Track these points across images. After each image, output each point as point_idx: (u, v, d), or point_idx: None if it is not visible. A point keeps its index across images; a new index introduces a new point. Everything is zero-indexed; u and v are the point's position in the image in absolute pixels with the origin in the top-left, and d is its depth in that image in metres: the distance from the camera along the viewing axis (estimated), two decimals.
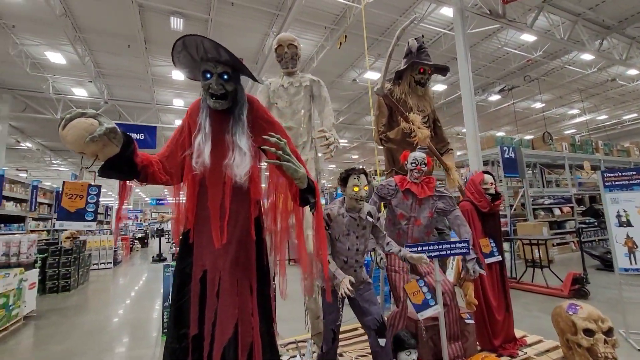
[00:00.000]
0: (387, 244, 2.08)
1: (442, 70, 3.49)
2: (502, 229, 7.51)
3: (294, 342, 2.88)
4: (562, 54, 9.81)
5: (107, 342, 3.75)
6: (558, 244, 8.57)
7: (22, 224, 9.76)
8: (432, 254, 2.09)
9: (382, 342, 1.90)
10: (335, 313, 1.99)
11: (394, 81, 3.46)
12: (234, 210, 1.57)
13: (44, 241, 7.39)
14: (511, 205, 8.06)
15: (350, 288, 1.74)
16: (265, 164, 1.54)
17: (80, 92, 10.79)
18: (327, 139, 2.31)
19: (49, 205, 10.45)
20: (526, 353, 2.54)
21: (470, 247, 2.24)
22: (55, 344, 3.75)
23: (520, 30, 7.51)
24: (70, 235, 4.59)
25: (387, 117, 3.40)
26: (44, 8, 6.38)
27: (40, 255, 6.75)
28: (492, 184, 2.70)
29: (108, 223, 15.59)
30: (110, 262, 9.95)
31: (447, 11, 7.12)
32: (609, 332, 2.24)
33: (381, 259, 2.22)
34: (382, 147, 3.51)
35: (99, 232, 13.68)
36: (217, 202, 1.56)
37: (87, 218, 4.57)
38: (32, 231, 9.95)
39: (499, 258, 2.67)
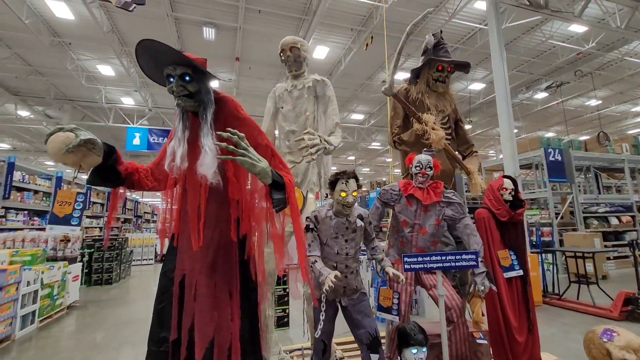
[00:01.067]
0: (373, 248, 1.98)
1: (463, 66, 3.26)
2: (546, 239, 6.86)
3: (299, 349, 2.83)
4: (620, 44, 8.77)
5: (138, 333, 3.97)
6: (616, 258, 7.61)
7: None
8: (435, 265, 1.92)
9: (374, 358, 1.78)
10: (326, 324, 1.90)
11: (411, 80, 3.29)
12: (212, 212, 1.56)
13: (92, 237, 8.08)
14: (557, 214, 7.32)
15: (335, 280, 1.65)
16: None
17: (127, 101, 11.73)
18: (307, 140, 2.22)
19: (102, 204, 11.45)
20: None
21: (480, 259, 2.03)
22: (85, 333, 4.06)
23: (568, 21, 6.82)
24: (64, 239, 5.15)
25: (402, 118, 3.24)
26: (93, 26, 7.04)
27: (88, 250, 7.40)
28: (511, 190, 2.44)
29: (154, 222, 16.73)
30: (152, 259, 10.64)
31: (481, 4, 6.69)
32: None
33: (381, 268, 2.09)
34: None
35: (146, 230, 14.75)
36: (195, 204, 1.56)
37: (72, 223, 5.05)
38: (86, 228, 10.97)
39: (520, 272, 2.40)
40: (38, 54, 8.47)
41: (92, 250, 7.41)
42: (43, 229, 7.61)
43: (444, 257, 1.93)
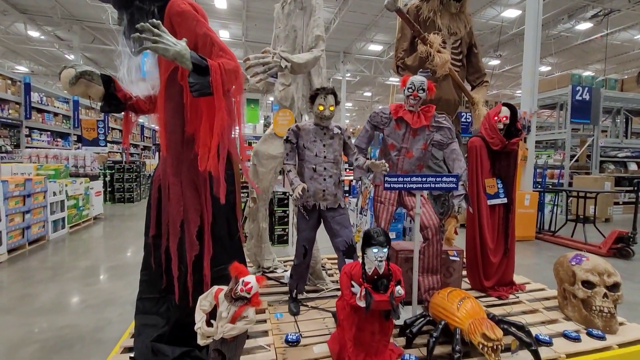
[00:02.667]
0: (356, 159, 2.11)
1: None
2: (555, 180, 6.77)
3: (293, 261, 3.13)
4: None
5: None
6: (625, 203, 7.53)
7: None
8: (415, 186, 1.99)
9: (349, 263, 1.97)
10: (307, 231, 2.08)
11: None
12: (175, 117, 1.64)
13: (113, 160, 8.55)
14: (573, 156, 7.09)
15: (300, 193, 1.85)
16: None
17: None
18: (252, 59, 2.13)
19: (120, 130, 11.81)
20: (518, 297, 2.46)
21: (461, 183, 2.07)
22: (111, 239, 4.57)
23: None
24: (102, 159, 5.90)
25: (409, 41, 3.04)
26: None
27: (109, 171, 7.91)
28: (505, 117, 2.37)
29: None
30: None
31: None
32: (613, 287, 2.04)
33: (365, 187, 2.19)
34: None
35: None
36: (160, 112, 1.65)
37: (100, 144, 6.48)
38: (109, 153, 11.52)
39: (504, 200, 2.46)
40: None
41: (113, 171, 7.91)
42: (67, 149, 8.05)
43: (424, 179, 1.99)
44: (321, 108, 1.95)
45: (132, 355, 1.69)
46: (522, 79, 5.05)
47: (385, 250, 1.47)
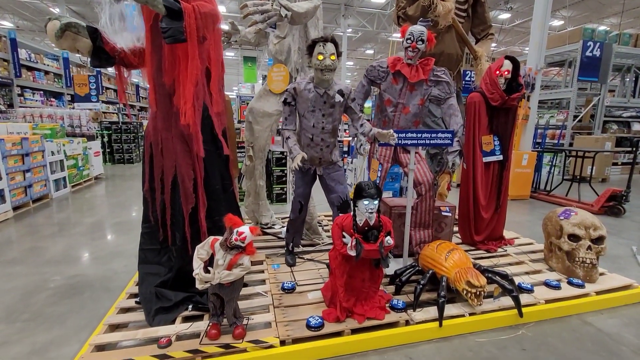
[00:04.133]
0: (361, 125, 2.01)
1: None
2: (555, 140, 6.71)
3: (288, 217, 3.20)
4: None
5: None
6: (624, 164, 7.53)
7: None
8: (410, 142, 1.99)
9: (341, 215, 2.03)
10: (303, 188, 2.12)
11: None
12: (160, 70, 1.60)
13: (109, 121, 8.43)
14: (576, 116, 6.96)
15: (300, 164, 1.79)
16: None
17: None
18: (251, 6, 1.99)
19: (114, 90, 11.49)
20: (506, 251, 2.56)
21: (456, 139, 2.06)
22: (113, 197, 4.66)
23: None
24: (94, 116, 5.78)
25: None
26: None
27: (107, 132, 7.84)
28: (507, 71, 2.29)
29: None
30: None
31: None
32: (597, 240, 2.11)
33: (361, 145, 2.18)
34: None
35: None
36: (147, 65, 1.61)
37: (92, 100, 6.20)
38: (104, 113, 11.30)
39: (500, 157, 2.47)
40: None
41: (110, 132, 7.84)
42: (60, 108, 7.91)
43: (419, 135, 1.98)
44: (321, 57, 1.78)
45: (137, 300, 1.80)
46: (531, 32, 4.80)
47: (376, 202, 1.50)
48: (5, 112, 6.78)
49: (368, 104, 10.32)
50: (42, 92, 7.98)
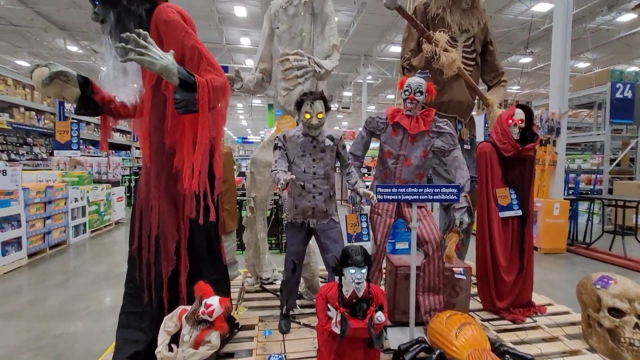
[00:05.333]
0: (348, 173, 1.92)
1: None
2: (590, 186, 6.18)
3: None
4: None
5: None
6: None
7: (129, 152, 11.91)
8: (410, 197, 1.82)
9: (327, 283, 1.84)
10: (296, 245, 1.97)
11: None
12: (159, 127, 1.59)
13: (138, 166, 8.91)
14: (613, 160, 6.46)
15: (287, 178, 1.63)
16: None
17: None
18: (293, 61, 2.04)
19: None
20: (536, 321, 2.19)
21: (463, 194, 1.88)
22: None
23: None
24: (73, 164, 6.03)
25: (417, 40, 2.86)
26: None
27: (135, 177, 8.24)
28: (520, 121, 2.13)
29: None
30: None
31: None
32: None
33: (360, 199, 2.04)
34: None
35: None
36: (144, 121, 1.61)
37: (72, 148, 5.99)
38: (137, 158, 12.03)
39: (519, 212, 2.22)
40: None
41: (138, 177, 8.23)
42: (97, 157, 8.49)
43: (420, 190, 1.82)
44: (307, 116, 1.79)
45: None
46: (551, 77, 4.66)
47: (364, 271, 1.33)
48: (46, 159, 7.37)
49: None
50: (81, 140, 8.69)
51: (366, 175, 9.50)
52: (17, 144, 7.18)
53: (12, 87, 6.32)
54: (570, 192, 5.23)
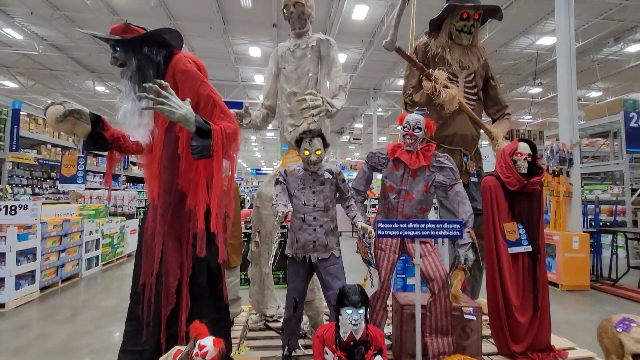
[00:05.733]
0: (348, 207, 1.96)
1: (494, 12, 2.80)
2: (612, 218, 5.91)
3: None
4: None
5: None
6: None
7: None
8: (412, 233, 1.80)
9: (324, 324, 1.78)
10: (298, 282, 1.94)
11: (431, 33, 2.94)
12: (170, 167, 1.65)
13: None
14: (634, 190, 6.21)
15: (285, 211, 1.68)
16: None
17: None
18: (309, 101, 2.16)
19: None
20: None
21: (467, 230, 1.84)
22: None
23: None
24: (75, 197, 6.09)
25: (417, 77, 2.95)
26: (142, 2, 7.51)
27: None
28: (527, 155, 2.12)
29: None
30: None
31: None
32: None
33: (364, 234, 2.03)
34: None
35: None
36: (156, 161, 1.68)
37: (78, 182, 6.03)
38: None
39: (529, 248, 2.14)
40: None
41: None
42: (116, 189, 8.79)
43: (422, 225, 1.80)
44: (306, 153, 1.87)
45: None
46: (559, 108, 4.65)
47: (362, 312, 1.29)
48: (67, 193, 7.67)
49: None
50: (102, 174, 9.05)
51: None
52: (42, 179, 7.56)
53: (42, 126, 6.77)
54: (591, 225, 5.01)
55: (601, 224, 6.00)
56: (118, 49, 1.57)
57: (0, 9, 8.47)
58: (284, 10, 2.73)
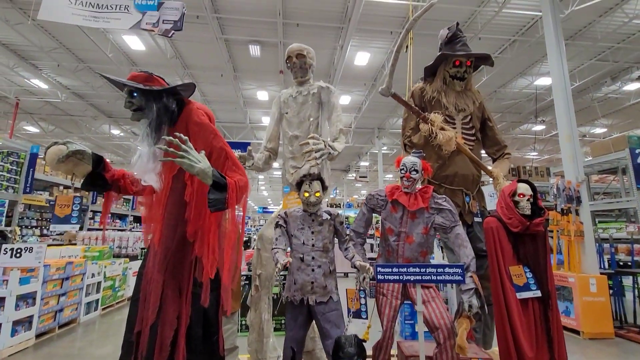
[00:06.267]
0: (346, 248, 1.97)
1: (485, 59, 2.94)
2: (628, 257, 5.64)
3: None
4: None
5: None
6: None
7: None
8: (412, 278, 1.75)
9: None
10: (296, 330, 1.86)
11: (426, 79, 3.08)
12: (174, 213, 1.66)
13: None
14: None
15: (284, 263, 1.68)
16: None
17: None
18: (312, 144, 2.22)
19: None
20: None
21: (469, 274, 1.77)
22: None
23: None
24: (68, 238, 5.89)
25: (415, 120, 3.04)
26: (160, 54, 8.12)
27: None
28: (529, 196, 2.10)
29: None
30: None
31: None
32: None
33: (363, 278, 1.97)
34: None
35: None
36: (159, 206, 1.69)
37: (72, 222, 5.70)
38: None
39: (538, 293, 2.03)
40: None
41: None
42: (123, 230, 8.84)
43: (422, 270, 1.75)
44: (306, 195, 1.93)
45: None
46: (561, 147, 4.67)
47: None
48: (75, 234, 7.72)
49: None
50: (110, 215, 9.16)
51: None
52: (51, 220, 7.66)
53: None
54: (608, 265, 4.78)
55: (621, 263, 5.73)
56: (135, 94, 1.63)
57: (31, 63, 9.22)
58: (287, 62, 2.92)
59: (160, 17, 5.30)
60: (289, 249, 1.82)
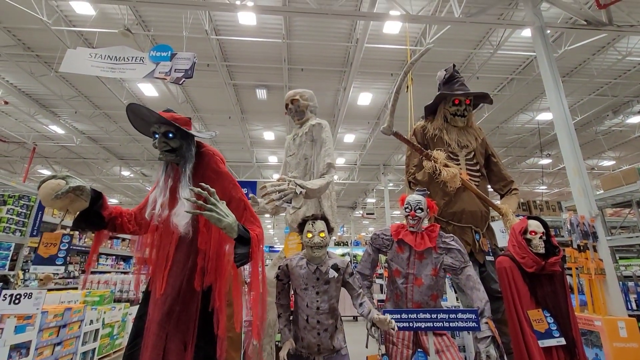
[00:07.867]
0: (360, 304, 1.77)
1: (483, 97, 3.00)
2: None
3: None
4: None
5: None
6: None
7: None
8: (423, 325, 1.62)
9: None
10: None
11: (427, 117, 3.14)
12: (180, 260, 1.59)
13: None
14: None
15: (284, 355, 1.57)
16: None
17: None
18: (269, 187, 2.15)
19: None
20: None
21: (484, 320, 1.64)
22: None
23: None
24: (43, 278, 5.44)
25: (419, 157, 3.05)
26: (171, 99, 8.52)
27: None
28: (542, 234, 2.01)
29: None
30: None
31: (528, 32, 6.22)
32: None
33: (372, 326, 1.85)
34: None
35: None
36: (164, 251, 1.64)
37: (57, 263, 4.96)
38: None
39: (562, 341, 1.86)
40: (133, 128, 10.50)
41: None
42: (127, 273, 8.69)
43: (434, 316, 1.63)
44: (309, 235, 1.80)
45: None
46: (569, 181, 4.59)
47: None
48: (77, 277, 7.61)
49: None
50: (114, 256, 9.06)
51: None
52: (32, 260, 7.51)
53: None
54: (636, 306, 4.45)
55: None
56: (171, 136, 1.61)
57: (51, 110, 9.74)
58: (285, 108, 3.02)
59: (173, 67, 5.65)
60: (291, 344, 1.69)
